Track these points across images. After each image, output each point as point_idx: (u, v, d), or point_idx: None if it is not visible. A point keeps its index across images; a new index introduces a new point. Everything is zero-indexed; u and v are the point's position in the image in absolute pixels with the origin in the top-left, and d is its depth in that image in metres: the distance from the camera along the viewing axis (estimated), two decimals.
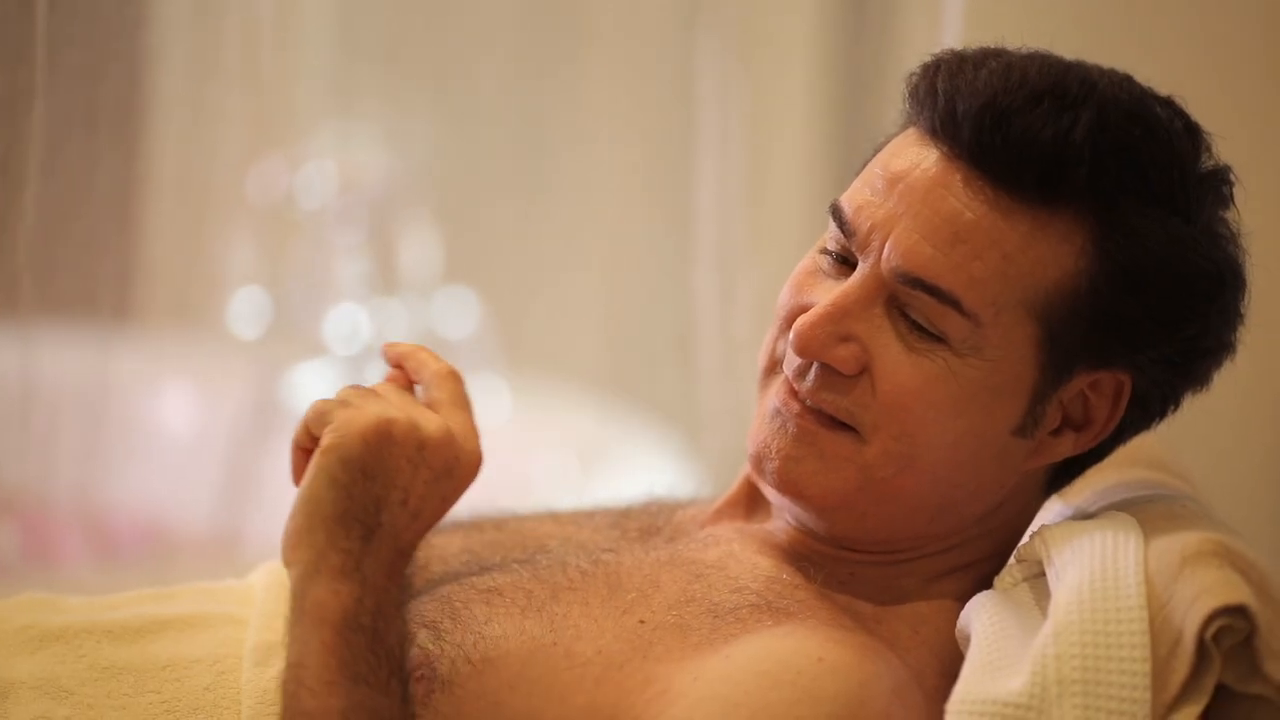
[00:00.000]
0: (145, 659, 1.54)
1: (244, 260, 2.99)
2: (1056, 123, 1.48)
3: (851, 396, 1.53)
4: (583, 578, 1.56)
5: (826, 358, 1.53)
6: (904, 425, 1.52)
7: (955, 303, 1.50)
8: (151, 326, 2.95)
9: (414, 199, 3.15)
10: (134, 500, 2.86)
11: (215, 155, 2.91)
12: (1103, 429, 1.55)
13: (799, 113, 3.18)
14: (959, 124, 1.50)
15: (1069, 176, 1.48)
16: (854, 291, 1.53)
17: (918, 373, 1.52)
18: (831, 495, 1.54)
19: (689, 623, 1.51)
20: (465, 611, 1.54)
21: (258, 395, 2.97)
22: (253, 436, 2.93)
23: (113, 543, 2.78)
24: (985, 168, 1.50)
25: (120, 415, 2.82)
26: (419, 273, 3.15)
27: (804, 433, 1.55)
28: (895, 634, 1.54)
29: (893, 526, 1.56)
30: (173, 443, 2.97)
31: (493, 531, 1.71)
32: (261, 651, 1.54)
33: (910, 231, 1.51)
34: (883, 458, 1.53)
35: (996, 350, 1.51)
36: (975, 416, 1.52)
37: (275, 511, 1.65)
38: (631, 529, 1.69)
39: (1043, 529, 1.53)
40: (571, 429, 3.11)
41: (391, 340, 1.62)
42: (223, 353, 3.02)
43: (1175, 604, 1.39)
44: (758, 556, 1.58)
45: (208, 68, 2.89)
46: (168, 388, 3.00)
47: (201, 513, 2.87)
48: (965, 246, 1.51)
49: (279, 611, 1.56)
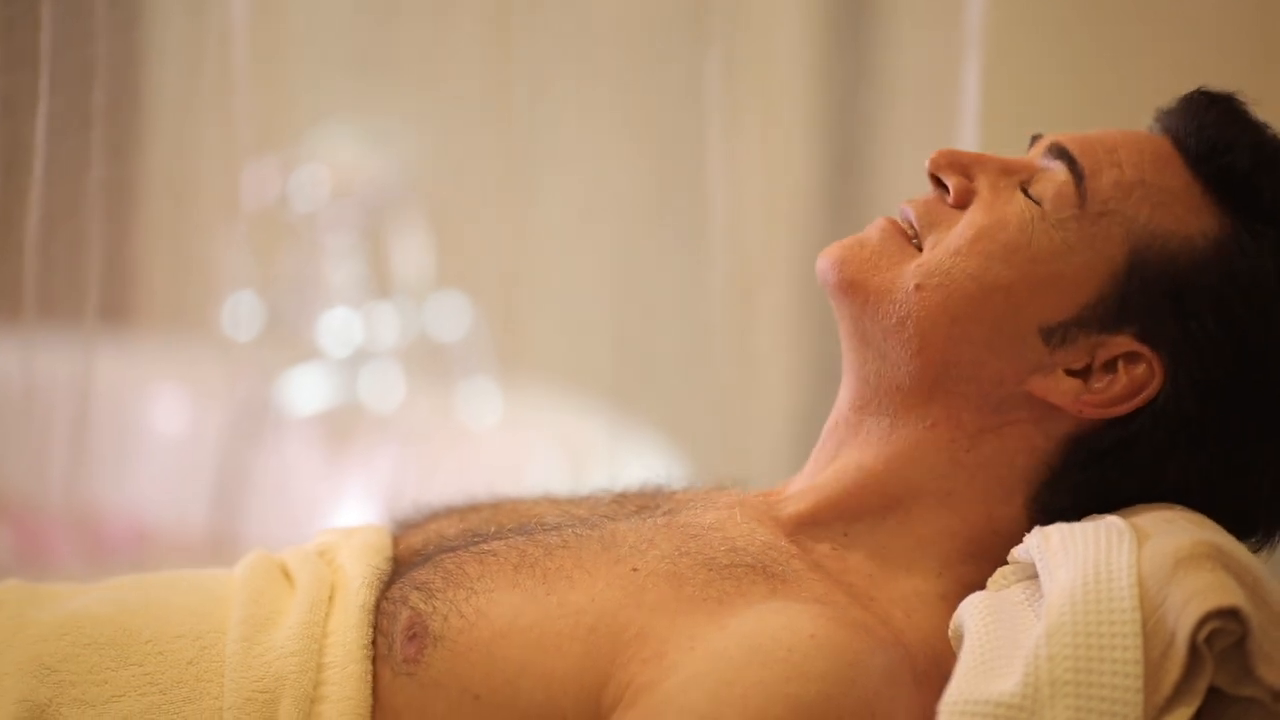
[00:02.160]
0: (128, 635, 1.55)
1: (237, 263, 2.99)
2: (1256, 131, 1.58)
3: (938, 218, 1.60)
4: (577, 538, 1.58)
5: (944, 174, 1.61)
6: (960, 244, 1.57)
7: (1080, 176, 1.56)
8: (144, 329, 2.95)
9: (407, 202, 3.15)
10: (126, 503, 2.86)
11: (208, 158, 2.90)
12: (1109, 407, 1.55)
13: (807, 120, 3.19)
14: (1175, 109, 1.60)
15: (1241, 173, 1.56)
16: (1000, 157, 1.61)
17: (999, 211, 1.58)
18: (862, 280, 1.59)
19: (683, 573, 1.53)
20: (458, 571, 1.55)
21: (250, 398, 2.97)
22: (246, 439, 2.93)
23: (105, 545, 2.78)
24: (1179, 138, 1.59)
25: (112, 418, 2.82)
26: (412, 276, 3.15)
27: (877, 229, 1.61)
28: (889, 615, 1.55)
29: (899, 349, 1.58)
30: (165, 445, 2.97)
31: (489, 511, 1.72)
32: (247, 626, 1.55)
33: (1079, 133, 1.60)
34: (925, 267, 1.57)
35: (1079, 243, 1.56)
36: (1021, 277, 1.56)
37: (268, 514, 1.66)
38: (629, 506, 1.70)
39: (1036, 530, 1.53)
40: (564, 434, 3.11)
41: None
42: (215, 356, 3.02)
43: (1168, 606, 1.40)
44: (756, 525, 1.60)
45: (200, 70, 2.89)
46: (160, 390, 3.00)
47: (194, 516, 2.87)
48: (1117, 155, 1.58)
49: (264, 588, 1.58)
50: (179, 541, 2.86)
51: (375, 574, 1.59)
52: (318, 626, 1.55)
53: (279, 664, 1.53)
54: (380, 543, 1.65)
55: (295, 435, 3.01)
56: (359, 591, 1.57)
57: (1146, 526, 1.48)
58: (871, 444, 1.61)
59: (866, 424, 1.61)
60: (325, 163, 3.10)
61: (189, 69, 2.89)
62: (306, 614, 1.56)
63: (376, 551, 1.63)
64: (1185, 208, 1.56)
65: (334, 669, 1.53)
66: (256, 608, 1.56)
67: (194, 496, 2.88)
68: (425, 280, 3.16)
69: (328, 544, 1.67)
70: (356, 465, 3.03)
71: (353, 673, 1.52)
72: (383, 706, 1.52)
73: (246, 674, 1.52)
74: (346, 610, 1.56)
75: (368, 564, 1.60)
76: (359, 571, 1.59)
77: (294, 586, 1.60)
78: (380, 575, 1.60)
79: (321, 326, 3.11)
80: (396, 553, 1.66)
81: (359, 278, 3.12)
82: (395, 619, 1.54)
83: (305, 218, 3.09)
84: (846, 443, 1.63)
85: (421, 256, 3.16)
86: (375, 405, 3.11)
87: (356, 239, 3.11)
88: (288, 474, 2.95)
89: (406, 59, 3.15)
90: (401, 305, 3.15)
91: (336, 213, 3.10)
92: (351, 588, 1.58)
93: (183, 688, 1.52)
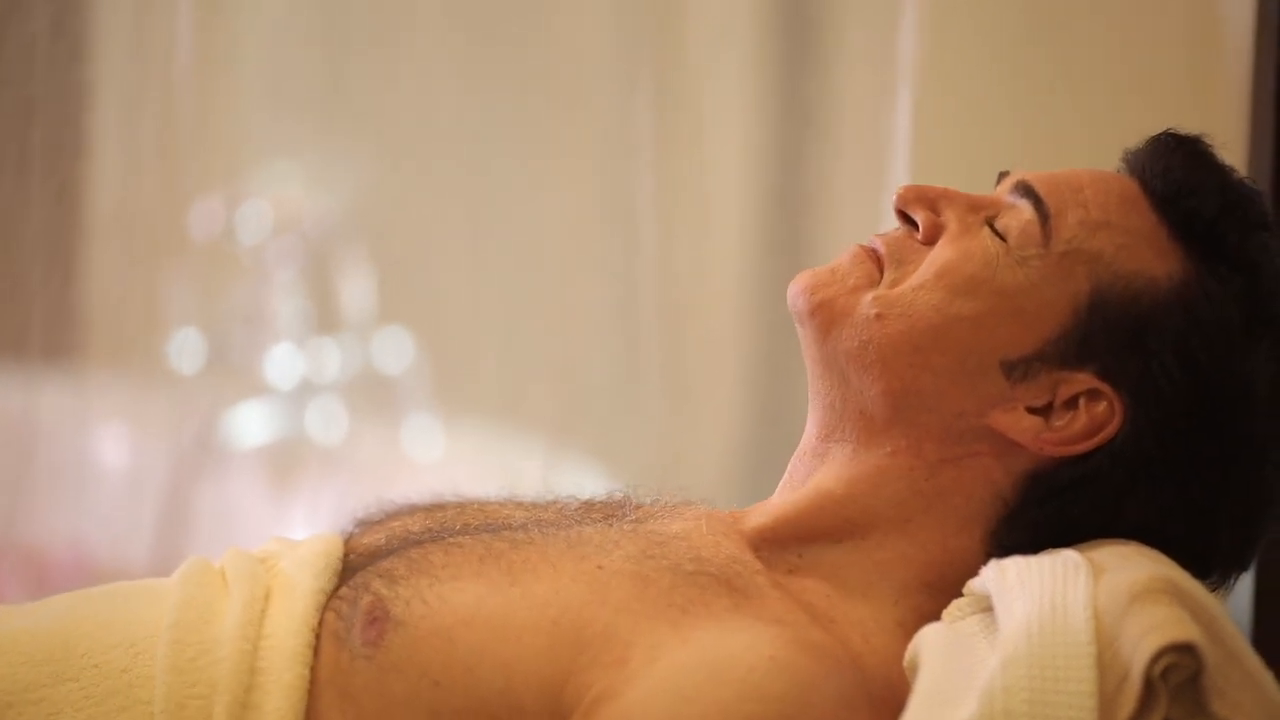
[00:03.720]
0: (65, 649, 1.54)
1: (181, 298, 2.98)
2: (1222, 175, 1.60)
3: (907, 255, 1.62)
4: (543, 536, 1.59)
5: (912, 209, 1.62)
6: (925, 278, 1.59)
7: (1046, 215, 1.58)
8: (89, 365, 2.94)
9: (351, 237, 3.15)
10: (71, 537, 2.85)
11: (152, 195, 2.90)
12: (1069, 445, 1.58)
13: (741, 156, 3.20)
14: (1142, 150, 1.62)
15: (1207, 217, 1.58)
16: (967, 193, 1.63)
17: (965, 245, 1.60)
18: (828, 302, 1.62)
19: (648, 574, 1.54)
20: (423, 560, 1.56)
21: (195, 432, 2.96)
22: (190, 473, 2.92)
23: (50, 580, 2.76)
24: (1146, 180, 1.61)
25: (57, 453, 2.81)
26: (356, 311, 3.16)
27: (849, 255, 1.64)
28: (847, 637, 1.57)
29: (861, 373, 1.60)
30: (110, 480, 2.96)
31: (455, 510, 1.72)
32: (178, 630, 1.54)
33: (1045, 171, 1.62)
34: (885, 299, 1.59)
35: (1042, 280, 1.58)
36: (985, 310, 1.58)
37: (213, 548, 1.66)
38: (595, 513, 1.71)
39: (992, 563, 1.55)
40: (507, 472, 3.12)
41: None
42: (160, 390, 3.01)
43: (1124, 640, 1.41)
44: (721, 537, 1.62)
45: (144, 106, 2.88)
46: (105, 425, 2.99)
47: (139, 550, 2.86)
48: (1083, 195, 1.60)
49: (197, 592, 1.57)
50: (124, 576, 2.84)
51: (317, 582, 1.58)
52: (252, 627, 1.54)
53: (211, 669, 1.52)
54: (329, 548, 1.64)
55: (240, 469, 3.01)
56: (300, 598, 1.57)
57: (1103, 561, 1.50)
58: (833, 469, 1.62)
59: (831, 451, 1.63)
60: (270, 198, 3.09)
61: (133, 106, 2.88)
62: (240, 616, 1.55)
63: (322, 556, 1.62)
64: (1150, 249, 1.58)
65: (268, 674, 1.53)
66: (189, 611, 1.55)
67: (139, 530, 2.87)
68: (370, 315, 3.16)
69: (271, 551, 1.66)
70: (301, 498, 3.02)
71: (287, 681, 1.52)
72: (339, 689, 1.52)
73: (179, 679, 1.52)
74: (288, 615, 1.55)
75: (312, 569, 1.59)
76: (302, 577, 1.59)
77: (229, 589, 1.59)
78: (325, 580, 1.59)
79: (267, 361, 3.11)
80: (356, 549, 1.65)
81: (303, 312, 3.12)
82: (355, 604, 1.54)
83: (250, 252, 3.09)
84: (814, 472, 1.64)
85: (366, 291, 3.16)
86: (320, 439, 3.11)
87: (300, 274, 3.11)
88: (232, 507, 2.94)
89: (351, 96, 3.15)
90: (345, 340, 3.15)
91: (281, 248, 3.10)
92: (294, 593, 1.57)
93: (116, 697, 1.51)
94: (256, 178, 3.16)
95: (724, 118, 3.17)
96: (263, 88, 3.18)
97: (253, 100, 3.17)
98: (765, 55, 3.19)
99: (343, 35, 3.11)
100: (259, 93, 3.18)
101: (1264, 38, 2.22)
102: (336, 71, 3.14)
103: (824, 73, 3.08)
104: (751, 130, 3.19)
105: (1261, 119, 2.31)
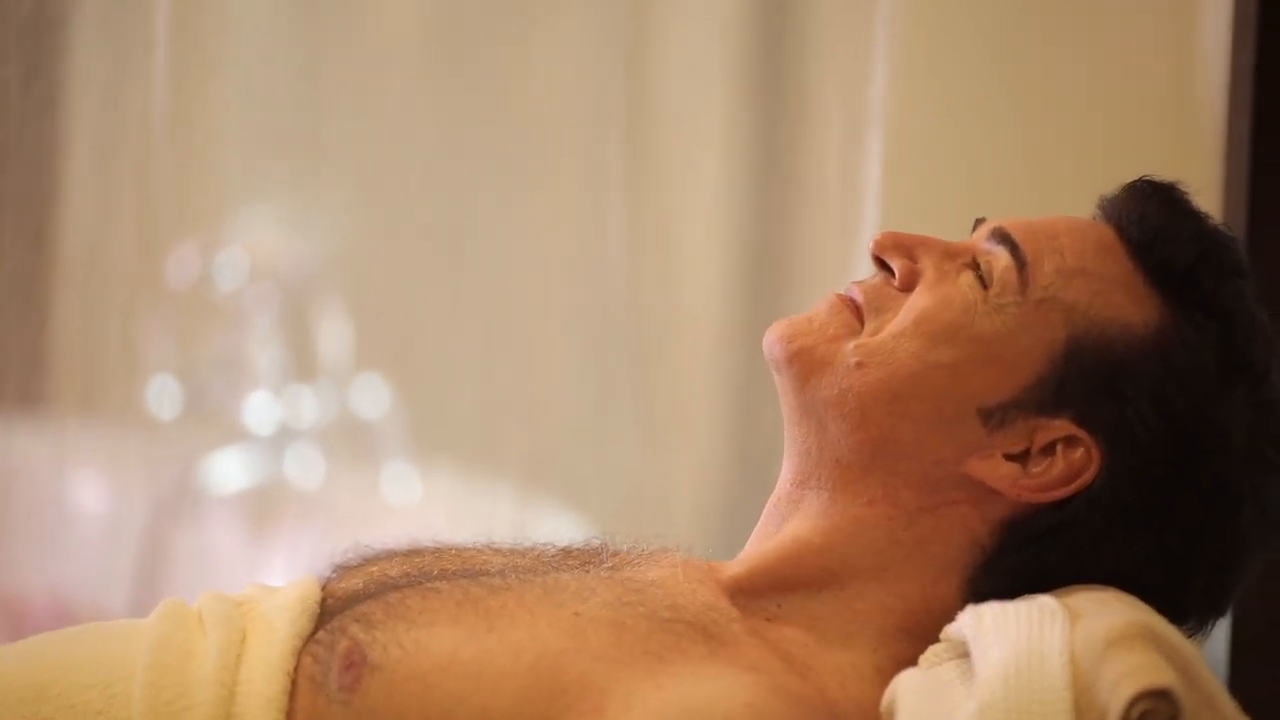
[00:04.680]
0: (39, 691, 1.53)
1: (157, 345, 2.98)
2: (1197, 222, 1.61)
3: (885, 303, 1.63)
4: (520, 582, 1.59)
5: (888, 256, 1.63)
6: (904, 325, 1.60)
7: (1023, 262, 1.58)
8: (65, 413, 2.93)
9: (328, 283, 3.16)
10: (49, 585, 2.84)
11: (127, 240, 2.89)
12: (1046, 491, 1.59)
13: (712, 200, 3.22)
14: (1118, 197, 1.63)
15: (1183, 264, 1.59)
16: (944, 240, 1.64)
17: (942, 292, 1.61)
18: (807, 350, 1.62)
19: (625, 621, 1.54)
20: (400, 604, 1.56)
21: (173, 479, 2.96)
22: (168, 520, 2.92)
23: (27, 628, 2.76)
24: (1122, 227, 1.62)
25: (33, 501, 2.80)
26: (333, 358, 3.16)
27: (826, 304, 1.64)
28: (824, 685, 1.57)
29: (839, 421, 1.61)
30: (87, 527, 2.96)
31: (432, 556, 1.72)
32: (153, 672, 1.54)
33: (1022, 218, 1.63)
34: (866, 347, 1.60)
35: (1019, 327, 1.59)
36: (963, 357, 1.59)
37: (191, 594, 1.66)
38: (573, 560, 1.71)
39: (969, 609, 1.55)
40: (484, 516, 3.12)
41: None
42: (137, 437, 3.01)
43: (1100, 686, 1.42)
44: (697, 585, 1.62)
45: (118, 153, 2.88)
46: (80, 472, 2.99)
47: (117, 597, 2.86)
48: (1059, 242, 1.61)
49: (173, 632, 1.57)
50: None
51: (295, 626, 1.58)
52: (228, 672, 1.54)
53: (186, 715, 1.52)
54: (306, 593, 1.63)
55: (218, 515, 3.01)
56: (277, 642, 1.57)
57: (1079, 606, 1.50)
58: (809, 517, 1.63)
59: (807, 498, 1.63)
60: (246, 245, 3.10)
61: (108, 151, 2.88)
62: (216, 660, 1.55)
63: (299, 601, 1.62)
64: (1126, 296, 1.59)
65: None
66: (165, 651, 1.55)
67: (117, 577, 2.86)
68: (347, 362, 3.16)
69: (249, 595, 1.66)
70: (280, 544, 3.03)
71: None
72: None
73: (154, 717, 1.51)
74: (264, 661, 1.55)
75: (289, 614, 1.59)
76: (280, 621, 1.59)
77: (205, 632, 1.59)
78: (303, 624, 1.59)
79: (244, 407, 3.11)
80: (334, 594, 1.65)
81: (280, 359, 3.13)
82: (333, 648, 1.55)
83: (227, 299, 3.09)
84: (788, 518, 1.65)
85: (342, 338, 3.16)
86: (298, 484, 3.11)
87: (278, 320, 3.12)
88: (211, 553, 2.94)
89: (327, 143, 3.16)
90: (323, 387, 3.15)
91: (258, 294, 3.10)
92: (271, 636, 1.57)
93: None
94: (233, 224, 3.16)
95: (696, 161, 3.19)
96: (239, 134, 3.18)
97: (229, 146, 3.17)
98: (737, 99, 3.21)
99: (319, 82, 3.12)
100: (235, 139, 3.18)
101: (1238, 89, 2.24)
102: (313, 118, 3.15)
103: (795, 117, 3.09)
104: (723, 174, 3.20)
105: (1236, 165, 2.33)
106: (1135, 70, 2.89)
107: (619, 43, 3.05)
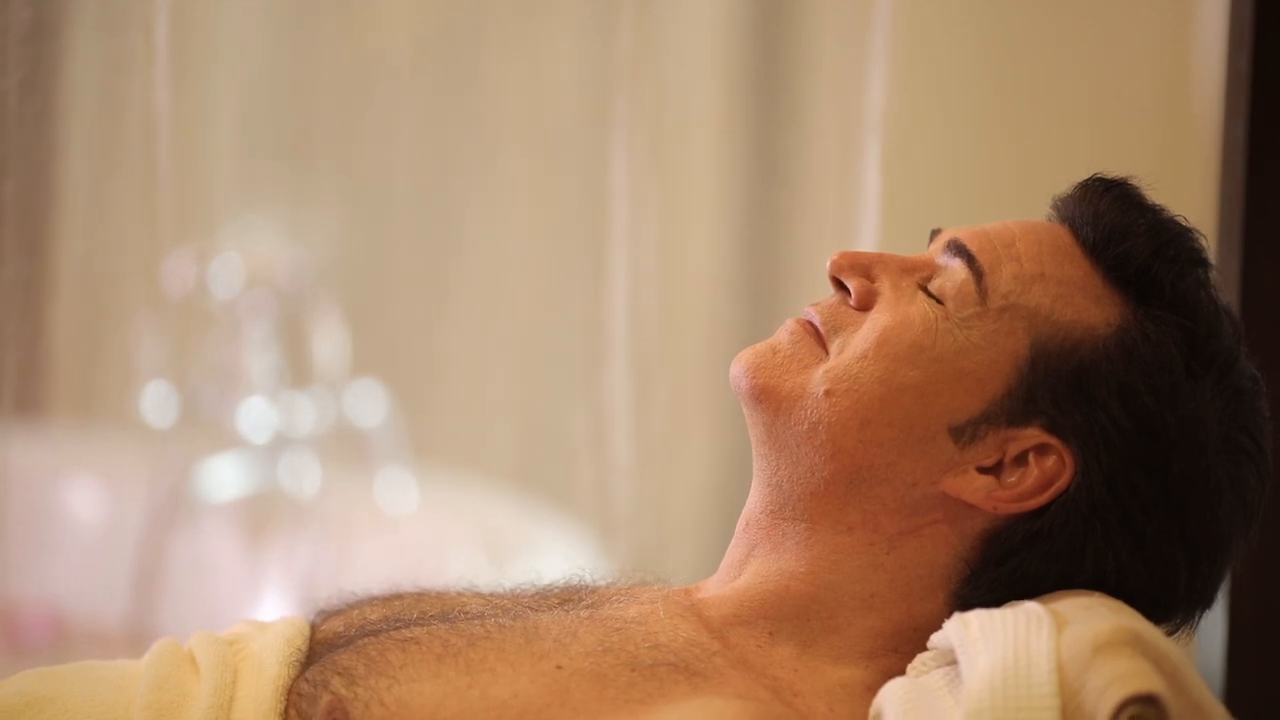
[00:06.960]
0: None
1: (153, 352, 2.99)
2: (1152, 215, 1.59)
3: (843, 322, 1.62)
4: (500, 630, 1.58)
5: (845, 276, 1.62)
6: (866, 348, 1.59)
7: (980, 274, 1.58)
8: (61, 419, 2.94)
9: (323, 291, 3.16)
10: (44, 593, 2.85)
11: (124, 249, 2.90)
12: (1022, 501, 1.58)
13: (710, 208, 3.22)
14: (1071, 197, 1.61)
15: (1140, 260, 1.58)
16: (899, 256, 1.63)
17: (902, 312, 1.60)
18: (774, 386, 1.61)
19: (607, 673, 1.53)
20: (380, 659, 1.55)
21: (169, 486, 2.97)
22: (164, 527, 2.93)
23: (23, 636, 2.76)
24: (1076, 227, 1.60)
25: (29, 508, 2.81)
26: (328, 365, 3.16)
27: (787, 332, 1.63)
28: (812, 709, 1.57)
29: (812, 454, 1.60)
30: (83, 535, 2.96)
31: (412, 599, 1.72)
32: (152, 711, 1.54)
33: (976, 227, 1.62)
34: (833, 372, 1.59)
35: (982, 340, 1.58)
36: (928, 377, 1.58)
37: (187, 602, 1.67)
38: (552, 599, 1.71)
39: (956, 617, 1.55)
40: (480, 523, 3.13)
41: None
42: (133, 444, 3.02)
43: (1087, 692, 1.42)
44: (679, 620, 1.61)
45: (116, 161, 2.89)
46: (78, 480, 2.99)
47: (113, 604, 2.86)
48: (1015, 248, 1.59)
49: (168, 674, 1.57)
50: (97, 630, 2.85)
51: (285, 668, 1.59)
52: (222, 711, 1.55)
53: None
54: (295, 633, 1.64)
55: (213, 522, 3.01)
56: (267, 684, 1.57)
57: (1065, 613, 1.50)
58: (790, 549, 1.62)
59: (783, 528, 1.62)
60: (242, 253, 3.11)
61: (105, 160, 2.89)
62: (211, 699, 1.55)
63: (289, 641, 1.62)
64: (1086, 297, 1.59)
65: None
66: (160, 693, 1.55)
67: (113, 583, 2.87)
68: (342, 369, 3.17)
69: (240, 634, 1.66)
70: (275, 552, 3.03)
71: None
72: None
73: None
74: (256, 701, 1.56)
75: (279, 655, 1.60)
76: (270, 662, 1.59)
77: (199, 673, 1.59)
78: (292, 666, 1.59)
79: (239, 414, 3.11)
80: (318, 637, 1.65)
81: (275, 366, 3.13)
82: (315, 701, 1.54)
83: (223, 307, 3.10)
84: (760, 544, 1.64)
85: (337, 345, 3.17)
86: (293, 492, 3.11)
87: (273, 328, 3.12)
88: (206, 560, 2.95)
89: (323, 152, 3.16)
90: (318, 394, 3.16)
91: (253, 302, 3.11)
92: (261, 678, 1.57)
93: None
94: (229, 233, 3.17)
95: (695, 172, 3.19)
96: (235, 144, 3.19)
97: (225, 156, 3.18)
98: (736, 109, 3.21)
99: (314, 92, 3.12)
100: (231, 148, 3.19)
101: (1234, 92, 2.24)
102: (308, 128, 3.15)
103: (793, 127, 3.10)
104: (722, 183, 3.20)
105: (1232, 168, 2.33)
106: (1131, 75, 2.89)
107: (616, 51, 3.06)
